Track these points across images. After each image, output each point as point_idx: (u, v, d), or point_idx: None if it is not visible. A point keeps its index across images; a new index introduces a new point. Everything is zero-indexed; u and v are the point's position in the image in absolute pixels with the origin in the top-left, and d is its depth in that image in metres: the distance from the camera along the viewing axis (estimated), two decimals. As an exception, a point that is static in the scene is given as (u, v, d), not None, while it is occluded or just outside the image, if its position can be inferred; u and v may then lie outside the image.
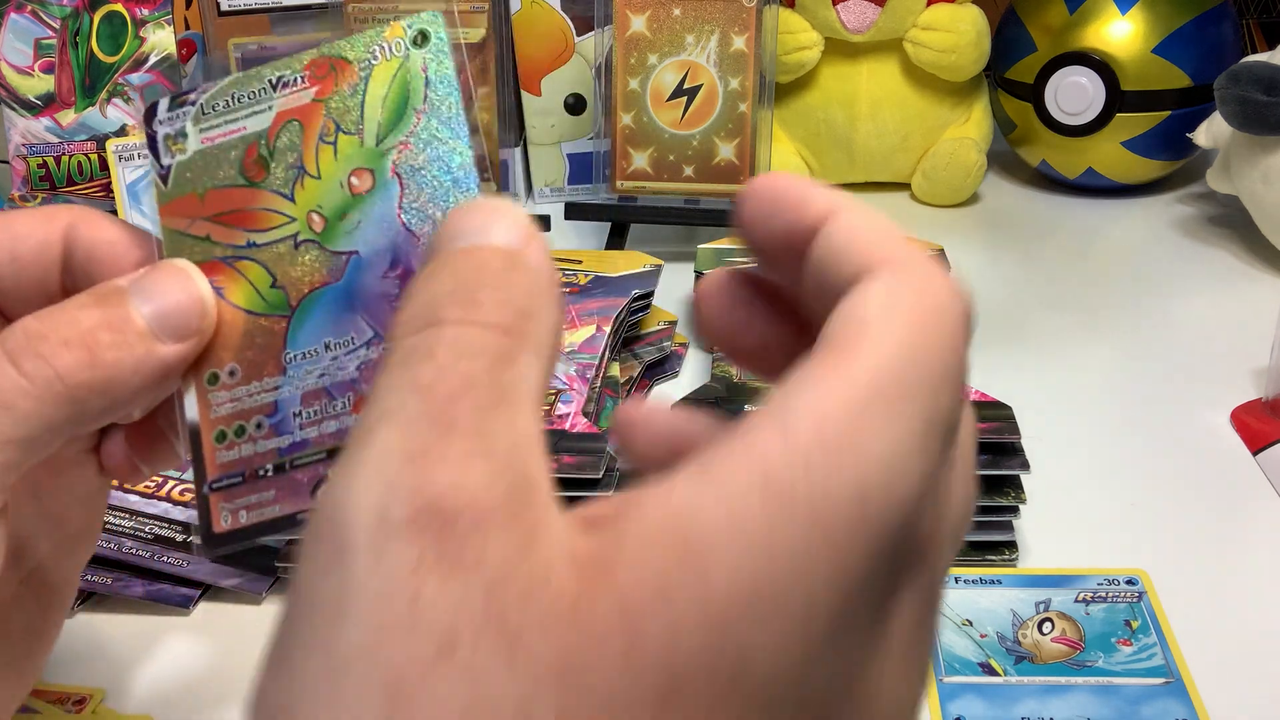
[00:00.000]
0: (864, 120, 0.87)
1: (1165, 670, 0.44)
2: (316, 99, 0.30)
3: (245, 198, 0.30)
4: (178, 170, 0.31)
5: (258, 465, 0.29)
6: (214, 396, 0.30)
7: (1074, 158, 0.86)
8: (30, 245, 0.31)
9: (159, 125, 0.31)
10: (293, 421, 0.29)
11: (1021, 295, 0.74)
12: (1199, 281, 0.76)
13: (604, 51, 0.78)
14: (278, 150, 0.30)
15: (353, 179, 0.30)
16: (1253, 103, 0.72)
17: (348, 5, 0.78)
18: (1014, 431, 0.49)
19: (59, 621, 0.34)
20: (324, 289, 0.30)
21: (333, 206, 0.30)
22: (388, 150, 0.29)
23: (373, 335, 0.29)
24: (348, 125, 0.30)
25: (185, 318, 0.29)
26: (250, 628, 0.48)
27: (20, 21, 0.78)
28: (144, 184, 0.71)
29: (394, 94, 0.30)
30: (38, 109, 0.78)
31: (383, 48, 0.30)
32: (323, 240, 0.30)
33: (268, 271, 0.30)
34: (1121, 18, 0.83)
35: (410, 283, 0.23)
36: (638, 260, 0.69)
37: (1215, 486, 0.55)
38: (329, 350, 0.29)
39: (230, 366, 0.30)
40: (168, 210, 0.31)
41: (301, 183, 0.30)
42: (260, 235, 0.30)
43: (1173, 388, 0.63)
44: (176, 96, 0.31)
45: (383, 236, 0.29)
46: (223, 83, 0.31)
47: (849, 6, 0.84)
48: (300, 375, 0.29)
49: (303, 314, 0.30)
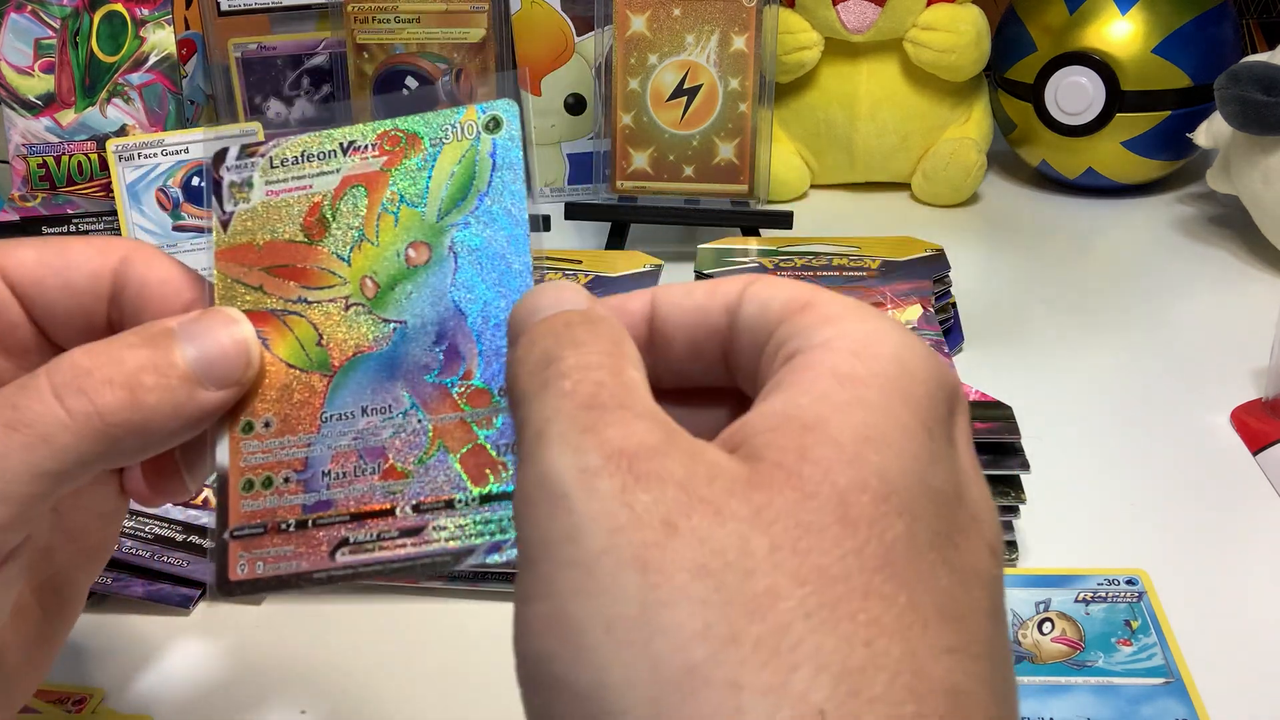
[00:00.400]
0: (864, 120, 0.87)
1: (1165, 670, 0.44)
2: (384, 168, 0.31)
3: (303, 254, 0.31)
4: (239, 218, 0.32)
5: (280, 519, 0.30)
6: (246, 445, 0.30)
7: (1074, 158, 0.86)
8: (83, 274, 0.31)
9: (226, 171, 0.32)
10: (321, 480, 0.29)
11: (1021, 295, 0.74)
12: (1199, 281, 0.76)
13: (604, 51, 0.78)
14: (340, 212, 0.31)
15: (410, 251, 0.30)
16: (1253, 103, 0.72)
17: (348, 5, 0.78)
18: (1014, 431, 0.49)
19: (65, 632, 0.35)
20: (368, 354, 0.30)
21: (387, 275, 0.30)
22: (447, 227, 0.30)
23: (409, 406, 0.29)
24: (411, 198, 0.31)
25: (230, 366, 0.29)
26: (250, 628, 0.48)
27: (20, 21, 0.78)
28: (143, 184, 0.71)
29: (460, 174, 0.30)
30: (38, 109, 0.78)
31: (455, 128, 0.31)
32: (373, 306, 0.30)
33: (315, 329, 0.30)
34: (1121, 18, 0.83)
35: (513, 351, 0.26)
36: (638, 260, 0.69)
37: (1215, 486, 0.55)
38: (365, 415, 0.30)
39: (266, 418, 0.30)
40: (224, 255, 0.32)
41: (360, 247, 0.31)
42: (312, 293, 0.31)
43: (1173, 388, 0.63)
44: (247, 146, 0.32)
45: (431, 311, 0.30)
46: (294, 139, 0.32)
47: (849, 6, 0.84)
48: (334, 435, 0.30)
49: (344, 376, 0.30)
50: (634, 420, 0.23)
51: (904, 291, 0.62)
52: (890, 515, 0.22)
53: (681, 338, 0.28)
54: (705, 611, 0.21)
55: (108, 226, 0.73)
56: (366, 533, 0.29)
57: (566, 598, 0.21)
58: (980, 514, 0.24)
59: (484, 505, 0.28)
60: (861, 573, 0.21)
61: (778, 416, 0.23)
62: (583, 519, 0.22)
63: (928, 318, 0.60)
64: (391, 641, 0.47)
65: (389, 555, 0.29)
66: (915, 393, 0.24)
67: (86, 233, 0.74)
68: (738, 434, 0.24)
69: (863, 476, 0.22)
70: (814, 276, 0.65)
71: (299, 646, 0.47)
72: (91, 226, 0.74)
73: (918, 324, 0.59)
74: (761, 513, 0.22)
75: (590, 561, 0.21)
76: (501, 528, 0.28)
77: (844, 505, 0.22)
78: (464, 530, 0.28)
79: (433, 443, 0.29)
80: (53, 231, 0.74)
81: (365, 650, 0.47)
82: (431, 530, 0.29)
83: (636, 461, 0.22)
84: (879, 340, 0.24)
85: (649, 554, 0.21)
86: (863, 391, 0.23)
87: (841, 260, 0.67)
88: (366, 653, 0.47)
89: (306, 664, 0.46)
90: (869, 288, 0.63)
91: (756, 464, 0.22)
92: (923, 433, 0.23)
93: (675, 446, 0.23)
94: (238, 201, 0.32)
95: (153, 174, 0.71)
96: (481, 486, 0.29)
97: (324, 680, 0.46)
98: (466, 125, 0.31)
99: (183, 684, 0.46)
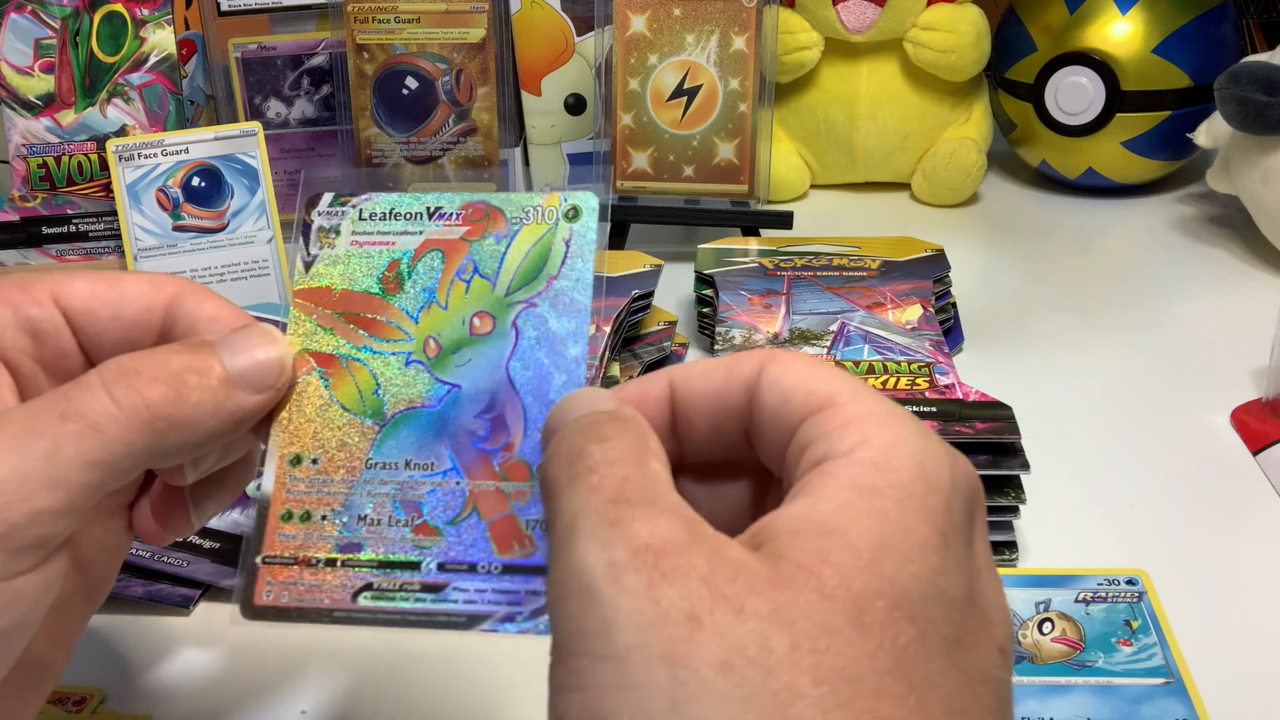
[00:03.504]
0: (864, 120, 0.87)
1: (1165, 670, 0.44)
2: (465, 238, 0.33)
3: (375, 306, 0.33)
4: (322, 262, 0.34)
5: (312, 554, 0.31)
6: (292, 477, 0.32)
7: (1074, 158, 0.86)
8: (136, 308, 0.33)
9: (317, 216, 0.34)
10: (356, 524, 0.31)
11: (1021, 295, 0.74)
12: (1199, 281, 0.76)
13: (604, 51, 0.78)
14: (416, 272, 0.33)
15: (475, 320, 0.32)
16: (1253, 103, 0.72)
17: (348, 5, 0.78)
18: (1014, 431, 0.49)
19: (64, 660, 0.35)
20: (420, 410, 0.32)
21: (450, 339, 0.32)
22: (514, 304, 0.32)
23: (450, 468, 0.31)
24: (485, 270, 0.32)
25: (264, 372, 0.31)
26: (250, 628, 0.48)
27: (20, 21, 0.78)
28: (143, 185, 0.71)
29: (535, 255, 0.32)
30: (38, 109, 0.78)
31: (536, 210, 0.32)
32: (433, 366, 0.32)
33: (375, 379, 0.32)
34: (1121, 18, 0.82)
35: (547, 449, 0.27)
36: (638, 260, 0.69)
37: (1215, 486, 0.55)
38: (408, 468, 0.31)
39: (315, 454, 0.32)
40: (301, 295, 0.33)
41: (429, 309, 0.32)
42: (378, 343, 0.32)
43: (1173, 388, 0.63)
44: (339, 196, 0.34)
45: (485, 379, 0.31)
46: (385, 197, 0.34)
47: (849, 6, 0.84)
48: (375, 482, 0.31)
49: (394, 427, 0.32)
50: (659, 515, 0.24)
51: (904, 291, 0.62)
52: (903, 621, 0.23)
53: (703, 421, 0.29)
54: (729, 706, 0.22)
55: (108, 226, 0.73)
56: (390, 582, 0.30)
57: (601, 691, 0.23)
58: (991, 615, 0.25)
59: (505, 575, 0.30)
60: (874, 674, 0.23)
61: (801, 520, 0.24)
62: (613, 613, 0.23)
63: (928, 318, 0.60)
64: (391, 641, 0.47)
65: (407, 607, 0.30)
66: (933, 503, 0.25)
67: (86, 233, 0.74)
68: (762, 532, 0.25)
69: (878, 584, 0.23)
70: (814, 276, 0.65)
71: (299, 646, 0.47)
72: (91, 226, 0.74)
73: (918, 324, 0.59)
74: (782, 611, 0.23)
75: (622, 656, 0.23)
76: (518, 599, 0.29)
77: (859, 609, 0.23)
78: (482, 596, 0.30)
79: (467, 506, 0.31)
80: (53, 232, 0.74)
81: (365, 650, 0.47)
82: (452, 590, 0.30)
83: (662, 558, 0.23)
84: (900, 449, 0.26)
85: (676, 650, 0.22)
86: (882, 504, 0.24)
87: (841, 260, 0.67)
88: (366, 653, 0.47)
89: (306, 664, 0.46)
90: (869, 288, 0.63)
91: (778, 562, 0.24)
92: (938, 541, 0.25)
93: (699, 541, 0.24)
94: (323, 246, 0.34)
95: (153, 174, 0.71)
96: (506, 555, 0.30)
97: (324, 680, 0.46)
98: (548, 210, 0.32)
99: (183, 684, 0.46)
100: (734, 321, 0.60)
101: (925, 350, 0.56)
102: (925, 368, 0.55)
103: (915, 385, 0.53)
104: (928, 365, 0.55)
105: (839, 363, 0.56)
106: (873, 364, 0.55)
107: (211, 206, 0.71)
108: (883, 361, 0.55)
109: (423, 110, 0.78)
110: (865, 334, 0.58)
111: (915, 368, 0.55)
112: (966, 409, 0.51)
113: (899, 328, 0.59)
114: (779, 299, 0.62)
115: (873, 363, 0.55)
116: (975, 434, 0.49)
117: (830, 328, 0.59)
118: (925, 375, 0.54)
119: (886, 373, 0.54)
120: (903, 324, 0.59)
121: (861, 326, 0.59)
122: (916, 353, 0.56)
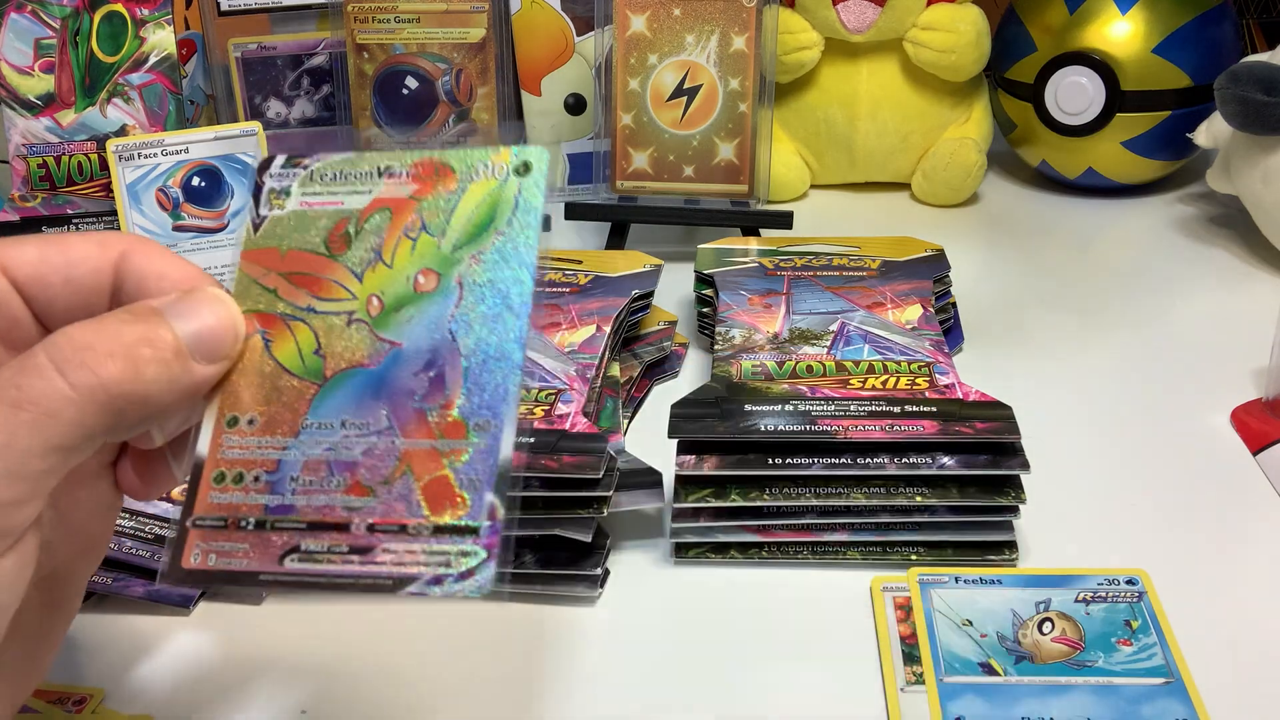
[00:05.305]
0: (864, 120, 0.87)
1: (1165, 670, 0.44)
2: (413, 196, 0.32)
3: (321, 265, 0.32)
4: (270, 223, 0.33)
5: (242, 515, 0.30)
6: (227, 438, 0.31)
7: (1074, 158, 0.86)
8: (84, 270, 0.32)
9: (268, 178, 0.34)
10: (288, 485, 0.30)
11: (1021, 295, 0.74)
12: (1199, 281, 0.76)
13: (604, 51, 0.78)
14: (363, 232, 0.32)
15: (420, 277, 0.31)
16: (1253, 103, 0.72)
17: (348, 5, 0.78)
18: (1014, 431, 0.49)
19: (65, 626, 0.35)
20: (359, 369, 0.31)
21: (394, 296, 0.31)
22: (459, 260, 0.31)
23: (387, 426, 0.30)
24: (432, 227, 0.32)
25: (219, 341, 0.31)
26: (250, 628, 0.48)
27: (20, 21, 0.78)
28: (143, 184, 0.71)
29: (482, 211, 0.32)
30: (38, 109, 0.78)
31: (486, 166, 0.32)
32: (374, 325, 0.31)
33: (316, 338, 0.32)
34: (1121, 18, 0.83)
35: None
36: (638, 260, 0.69)
37: (1215, 486, 0.55)
38: (344, 428, 0.31)
39: (251, 415, 0.31)
40: (249, 256, 0.33)
41: (374, 267, 0.32)
42: (321, 303, 0.32)
43: (1173, 388, 0.63)
44: (292, 157, 0.34)
45: (427, 337, 0.31)
46: (335, 157, 0.33)
47: (849, 6, 0.84)
48: (310, 443, 0.31)
49: (332, 387, 0.31)
50: None
51: (904, 291, 0.62)
52: None
53: None
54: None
55: (107, 227, 0.73)
56: (319, 543, 0.30)
57: None
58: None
59: (435, 535, 0.29)
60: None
61: None
62: None
63: (928, 318, 0.60)
64: (391, 641, 0.47)
65: (335, 570, 0.29)
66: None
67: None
68: None
69: None
70: (814, 276, 0.65)
71: (299, 646, 0.47)
72: (91, 227, 0.74)
73: (918, 324, 0.59)
74: None
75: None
76: (446, 561, 0.29)
77: None
78: (412, 558, 0.29)
79: (400, 466, 0.30)
80: (53, 232, 0.74)
81: (365, 650, 0.47)
82: (380, 552, 0.29)
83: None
84: None
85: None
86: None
87: (841, 260, 0.67)
88: (366, 653, 0.47)
89: (306, 664, 0.46)
90: (869, 288, 0.63)
91: None
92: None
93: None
94: (273, 208, 0.33)
95: (153, 174, 0.71)
96: (438, 516, 0.29)
97: (324, 680, 0.46)
98: (498, 165, 0.32)
99: (183, 684, 0.46)
100: (734, 321, 0.60)
101: (925, 350, 0.56)
102: (925, 368, 0.55)
103: (915, 385, 0.53)
104: (928, 365, 0.55)
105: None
106: (873, 364, 0.55)
107: (211, 206, 0.71)
108: (883, 361, 0.55)
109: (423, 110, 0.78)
110: (865, 334, 0.58)
111: (915, 368, 0.55)
112: (966, 409, 0.51)
113: (899, 327, 0.59)
114: (779, 299, 0.62)
115: (873, 362, 0.55)
116: (975, 434, 0.49)
117: (830, 327, 0.59)
118: (925, 375, 0.54)
119: (886, 372, 0.54)
120: (903, 324, 0.59)
121: (861, 326, 0.59)
122: (916, 353, 0.56)
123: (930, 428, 0.49)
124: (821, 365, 0.55)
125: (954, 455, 0.49)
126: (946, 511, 0.50)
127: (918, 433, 0.49)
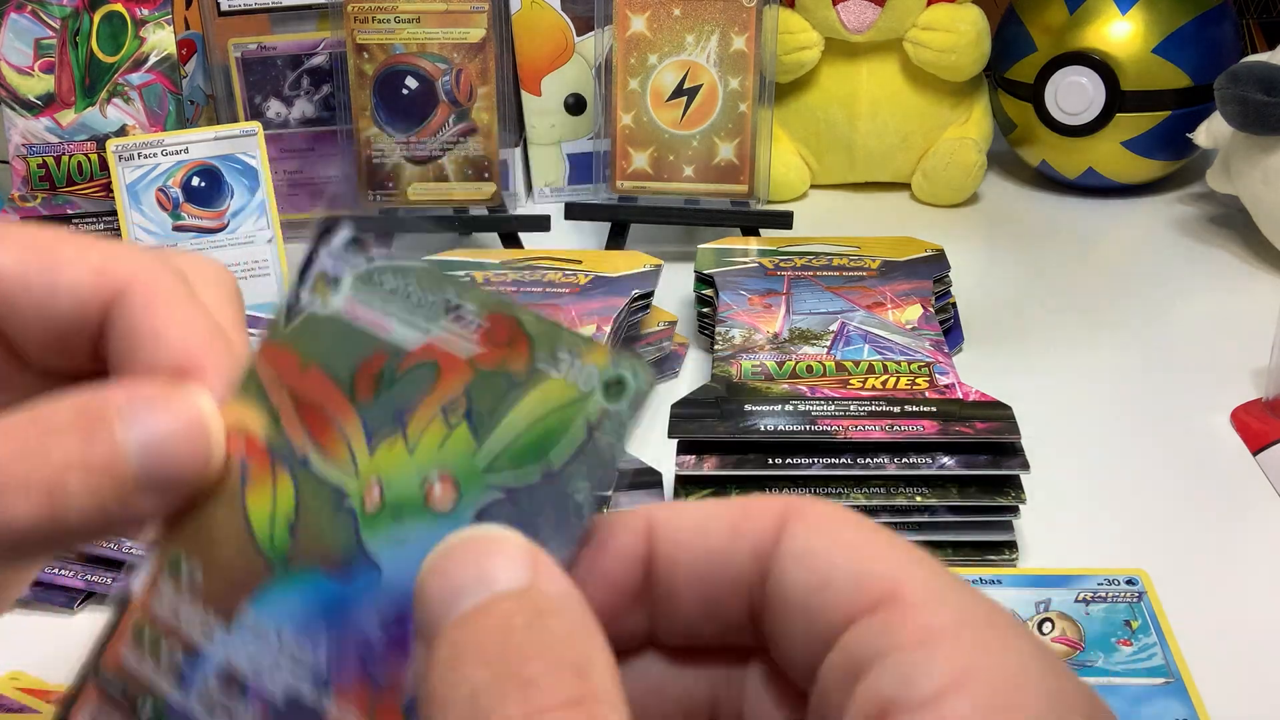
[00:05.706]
0: (864, 120, 0.87)
1: (1165, 670, 0.44)
2: (471, 361, 0.23)
3: (337, 404, 0.24)
4: (305, 321, 0.25)
5: (143, 696, 0.24)
6: (164, 585, 0.24)
7: (1074, 158, 0.86)
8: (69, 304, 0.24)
9: (325, 254, 0.25)
10: (196, 684, 0.23)
11: (1021, 295, 0.74)
12: (1199, 281, 0.76)
13: (604, 51, 0.78)
14: (399, 381, 0.24)
15: (437, 484, 0.23)
16: (1253, 103, 0.72)
17: (348, 5, 0.78)
18: (1014, 431, 0.49)
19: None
20: (323, 577, 0.23)
21: (397, 495, 0.23)
22: (488, 486, 0.22)
23: (322, 675, 0.22)
24: (477, 418, 0.23)
25: (179, 469, 0.22)
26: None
27: (20, 21, 0.78)
28: (143, 184, 0.71)
29: (538, 430, 0.22)
30: (38, 109, 0.78)
31: (570, 361, 0.22)
32: (363, 526, 0.23)
33: (295, 507, 0.23)
34: (1121, 18, 0.82)
35: (429, 674, 0.18)
36: (638, 260, 0.69)
37: (1215, 486, 0.55)
38: (279, 645, 0.23)
39: (196, 569, 0.24)
40: (268, 352, 0.25)
41: (392, 441, 0.23)
42: (318, 459, 0.24)
43: (1173, 388, 0.63)
44: (357, 237, 0.25)
45: (412, 576, 0.21)
46: (408, 263, 0.24)
47: (849, 6, 0.84)
48: (238, 644, 0.23)
49: (287, 582, 0.23)
50: None
51: (904, 291, 0.63)
52: None
53: (692, 592, 0.21)
54: None
55: (108, 227, 0.73)
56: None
57: None
58: None
59: None
60: None
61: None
62: None
63: (927, 317, 0.60)
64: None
65: None
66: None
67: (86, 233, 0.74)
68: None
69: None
70: (814, 276, 0.65)
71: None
72: (92, 227, 0.74)
73: (918, 324, 0.59)
74: None
75: None
76: None
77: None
78: None
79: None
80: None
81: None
82: None
83: None
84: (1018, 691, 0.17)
85: None
86: None
87: (841, 260, 0.67)
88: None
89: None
90: (869, 288, 0.63)
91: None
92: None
93: None
94: (315, 300, 0.25)
95: (153, 174, 0.71)
96: None
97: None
98: (586, 369, 0.22)
99: (183, 684, 0.46)
100: (734, 321, 0.60)
101: (925, 350, 0.56)
102: (925, 368, 0.55)
103: (915, 385, 0.53)
104: (928, 365, 0.55)
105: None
106: (873, 364, 0.55)
107: (211, 206, 0.71)
108: (883, 361, 0.55)
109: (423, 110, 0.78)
110: (865, 334, 0.58)
111: (915, 368, 0.55)
112: (966, 409, 0.51)
113: (899, 327, 0.59)
114: (779, 299, 0.62)
115: (873, 362, 0.55)
116: (975, 434, 0.49)
117: (830, 327, 0.59)
118: (925, 375, 0.54)
119: (886, 373, 0.54)
120: (903, 324, 0.59)
121: (861, 326, 0.59)
122: (916, 353, 0.56)
123: (930, 428, 0.49)
124: (821, 365, 0.55)
125: (954, 455, 0.49)
126: (946, 511, 0.50)
127: (918, 433, 0.49)
